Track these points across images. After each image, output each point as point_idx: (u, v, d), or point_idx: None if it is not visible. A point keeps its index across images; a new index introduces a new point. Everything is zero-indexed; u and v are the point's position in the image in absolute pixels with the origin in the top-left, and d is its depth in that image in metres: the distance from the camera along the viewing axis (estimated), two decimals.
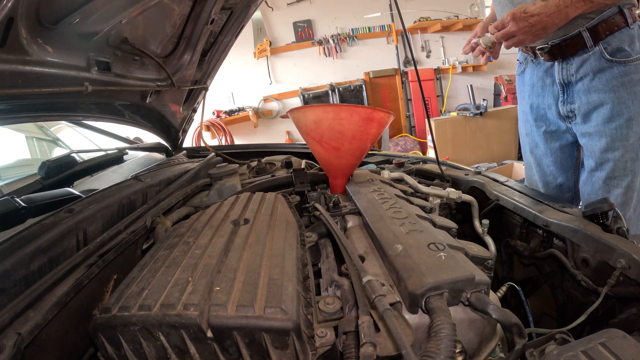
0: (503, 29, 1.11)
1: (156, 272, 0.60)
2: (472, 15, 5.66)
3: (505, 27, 1.10)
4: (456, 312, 0.52)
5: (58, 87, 0.83)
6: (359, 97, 5.31)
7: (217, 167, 1.23)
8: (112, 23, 0.91)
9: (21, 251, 0.60)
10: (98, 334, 0.52)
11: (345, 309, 0.58)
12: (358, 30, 5.38)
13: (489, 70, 5.68)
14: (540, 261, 0.93)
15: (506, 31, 1.10)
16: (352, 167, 1.06)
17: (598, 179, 1.21)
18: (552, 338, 0.52)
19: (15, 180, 1.28)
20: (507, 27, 1.09)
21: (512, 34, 1.09)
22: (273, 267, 0.60)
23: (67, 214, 0.75)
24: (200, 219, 0.83)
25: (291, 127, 5.28)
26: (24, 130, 1.77)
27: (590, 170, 1.24)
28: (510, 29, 1.09)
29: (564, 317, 0.85)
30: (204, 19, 1.23)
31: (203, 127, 3.63)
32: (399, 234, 0.68)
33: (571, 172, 1.39)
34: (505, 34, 1.11)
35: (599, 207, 0.76)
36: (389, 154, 1.74)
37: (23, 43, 0.70)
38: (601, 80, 1.13)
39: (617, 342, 0.40)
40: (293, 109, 1.00)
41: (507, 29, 1.09)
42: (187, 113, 1.67)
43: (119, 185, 0.97)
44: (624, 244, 0.68)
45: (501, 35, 1.12)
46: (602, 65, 1.11)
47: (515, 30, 1.08)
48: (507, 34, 1.10)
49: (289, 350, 0.49)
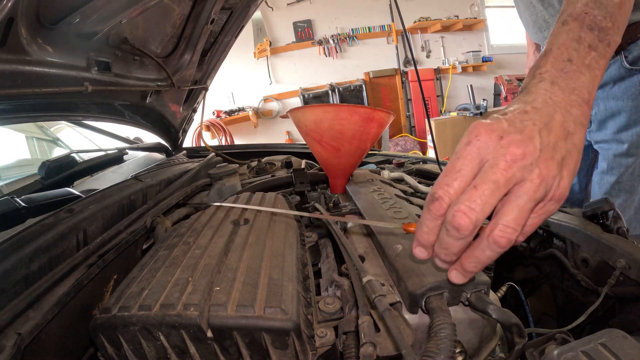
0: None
1: (156, 272, 0.60)
2: (472, 15, 5.66)
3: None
4: (456, 312, 0.52)
5: (58, 87, 0.83)
6: (359, 97, 5.31)
7: (217, 167, 1.23)
8: (112, 23, 0.91)
9: (21, 251, 0.60)
10: (98, 334, 0.52)
11: (345, 309, 0.58)
12: (358, 30, 5.38)
13: (489, 71, 5.69)
14: (540, 261, 0.93)
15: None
16: (352, 167, 1.06)
17: (607, 182, 1.22)
18: (552, 338, 0.52)
19: (15, 180, 1.28)
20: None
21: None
22: (273, 267, 0.60)
23: (67, 214, 0.75)
24: (200, 219, 0.83)
25: (291, 127, 5.28)
26: (24, 130, 1.77)
27: (601, 173, 1.24)
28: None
29: (564, 317, 0.85)
30: (204, 19, 1.23)
31: (203, 127, 3.63)
32: (399, 234, 0.69)
33: (583, 173, 1.39)
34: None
35: (599, 207, 0.76)
36: (389, 154, 1.74)
37: (23, 43, 0.70)
38: (620, 88, 1.12)
39: (617, 342, 0.40)
40: (293, 109, 1.00)
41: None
42: (187, 113, 1.67)
43: (119, 185, 0.97)
44: (624, 244, 0.68)
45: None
46: (622, 73, 1.11)
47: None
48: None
49: (289, 350, 0.49)
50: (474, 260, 0.41)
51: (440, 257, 0.43)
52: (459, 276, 0.43)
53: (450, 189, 0.40)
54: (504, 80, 5.25)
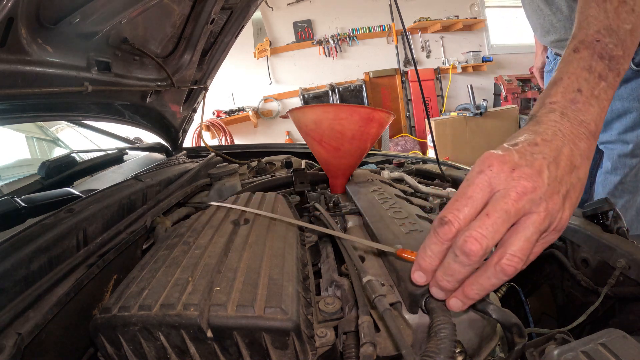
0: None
1: (156, 272, 0.60)
2: (472, 15, 5.67)
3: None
4: (456, 312, 0.52)
5: (58, 87, 0.83)
6: (359, 97, 5.31)
7: (217, 167, 1.23)
8: (112, 23, 0.91)
9: (21, 251, 0.60)
10: (98, 334, 0.52)
11: (345, 309, 0.58)
12: (358, 30, 5.38)
13: (489, 71, 5.69)
14: (540, 261, 0.93)
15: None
16: (352, 167, 1.06)
17: (611, 182, 1.22)
18: (552, 338, 0.52)
19: (15, 180, 1.28)
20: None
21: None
22: (273, 267, 0.60)
23: (67, 214, 0.75)
24: (200, 219, 0.83)
25: (291, 127, 5.28)
26: (24, 130, 1.78)
27: (605, 172, 1.25)
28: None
29: (564, 317, 0.85)
30: (204, 19, 1.23)
31: (203, 127, 3.63)
32: (399, 234, 0.68)
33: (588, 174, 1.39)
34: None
35: (599, 207, 0.76)
36: (389, 154, 1.74)
37: (23, 43, 0.70)
38: (627, 90, 1.12)
39: (617, 342, 0.40)
40: (293, 109, 1.00)
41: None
42: (187, 113, 1.67)
43: (119, 185, 0.97)
44: (624, 244, 0.68)
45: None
46: (629, 75, 1.11)
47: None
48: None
49: (289, 350, 0.49)
50: (477, 288, 0.41)
51: (441, 283, 0.43)
52: (458, 303, 0.43)
53: (460, 215, 0.40)
54: (504, 80, 5.26)
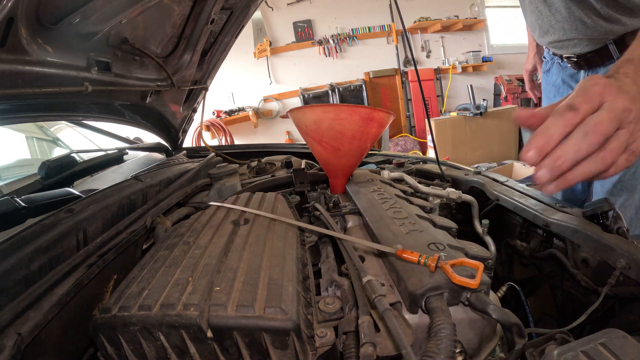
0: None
1: (156, 272, 0.60)
2: (472, 15, 5.66)
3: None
4: (456, 312, 0.52)
5: (58, 87, 0.83)
6: (359, 97, 5.31)
7: (217, 167, 1.23)
8: (112, 23, 0.91)
9: (21, 251, 0.60)
10: (98, 334, 0.52)
11: (345, 309, 0.58)
12: (358, 30, 5.38)
13: (489, 71, 5.69)
14: (540, 261, 0.93)
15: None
16: (352, 167, 1.06)
17: (609, 181, 1.22)
18: (552, 338, 0.52)
19: (15, 180, 1.28)
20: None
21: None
22: (273, 267, 0.60)
23: (67, 214, 0.75)
24: (200, 219, 0.83)
25: (291, 127, 5.28)
26: (24, 130, 1.77)
27: None
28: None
29: (564, 317, 0.85)
30: (204, 19, 1.23)
31: (203, 127, 3.63)
32: (399, 234, 0.69)
33: None
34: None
35: (599, 207, 0.76)
36: (389, 154, 1.74)
37: (23, 43, 0.70)
38: None
39: (617, 342, 0.40)
40: (293, 109, 1.00)
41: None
42: (187, 113, 1.67)
43: (119, 185, 0.97)
44: (624, 244, 0.68)
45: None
46: None
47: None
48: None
49: (289, 350, 0.49)
50: (580, 171, 0.49)
51: (557, 162, 0.49)
52: (557, 184, 0.50)
53: (584, 106, 0.48)
54: (504, 80, 5.25)
